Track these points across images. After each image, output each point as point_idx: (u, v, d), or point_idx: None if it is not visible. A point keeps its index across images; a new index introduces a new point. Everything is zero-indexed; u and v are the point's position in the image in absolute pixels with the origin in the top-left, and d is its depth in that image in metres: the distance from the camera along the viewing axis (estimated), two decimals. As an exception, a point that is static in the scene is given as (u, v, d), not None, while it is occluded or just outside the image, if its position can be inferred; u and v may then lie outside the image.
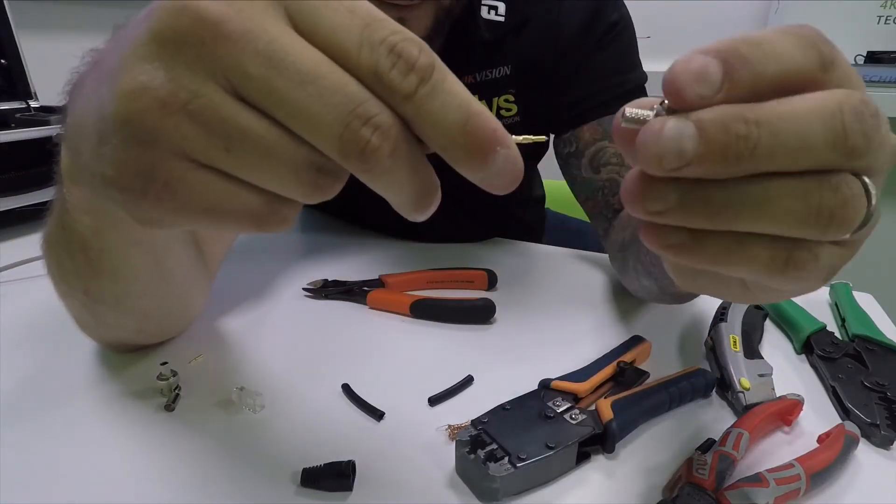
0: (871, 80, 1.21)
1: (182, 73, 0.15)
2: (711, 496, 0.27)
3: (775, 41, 0.16)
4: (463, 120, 0.16)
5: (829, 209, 0.16)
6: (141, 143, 0.16)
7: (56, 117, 0.24)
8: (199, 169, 0.17)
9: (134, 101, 0.16)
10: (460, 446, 0.30)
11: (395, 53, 0.16)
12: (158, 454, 0.32)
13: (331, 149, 0.16)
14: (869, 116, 0.16)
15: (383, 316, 0.49)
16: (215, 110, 0.16)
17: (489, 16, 0.54)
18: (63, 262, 0.33)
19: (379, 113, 0.16)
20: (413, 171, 0.17)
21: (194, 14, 0.15)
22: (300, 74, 0.15)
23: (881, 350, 0.41)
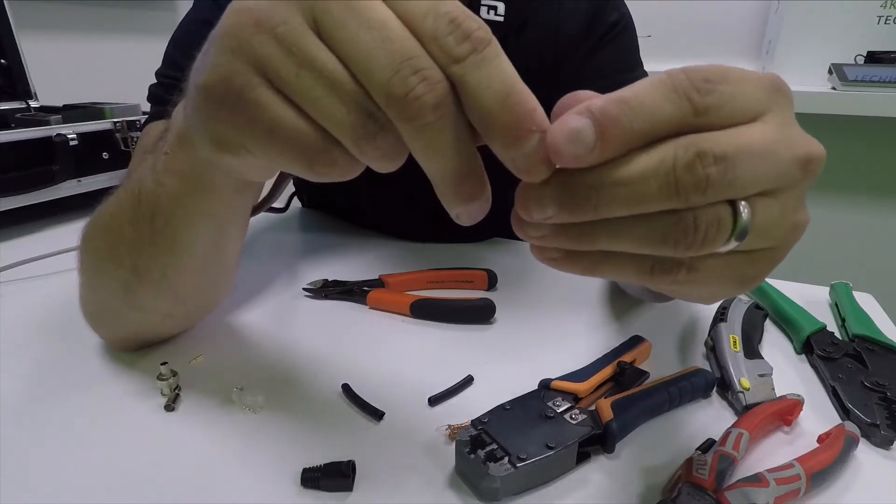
0: (871, 81, 1.20)
1: (280, 3, 0.19)
2: (711, 496, 0.27)
3: (644, 96, 0.18)
4: (504, 94, 0.18)
5: (673, 237, 0.18)
6: (231, 51, 0.20)
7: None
8: (270, 89, 0.20)
9: (238, 14, 0.20)
10: (460, 446, 0.30)
11: (455, 24, 0.18)
12: (158, 454, 0.32)
13: (380, 90, 0.18)
14: (711, 164, 0.17)
15: (383, 316, 0.49)
16: (296, 37, 0.19)
17: (488, 16, 0.54)
18: (122, 235, 0.35)
19: (429, 68, 0.18)
20: (455, 140, 0.19)
21: None
22: (370, 21, 0.18)
23: (881, 350, 0.41)
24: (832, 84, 1.25)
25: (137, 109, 0.85)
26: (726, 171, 0.17)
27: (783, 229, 0.20)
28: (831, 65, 1.25)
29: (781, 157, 0.19)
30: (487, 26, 0.19)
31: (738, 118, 0.18)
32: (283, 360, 0.42)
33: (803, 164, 0.19)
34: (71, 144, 0.74)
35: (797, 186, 0.20)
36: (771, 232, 0.20)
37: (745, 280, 0.22)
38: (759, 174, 0.18)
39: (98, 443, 0.33)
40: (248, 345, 0.44)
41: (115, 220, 0.35)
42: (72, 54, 1.22)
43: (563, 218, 0.19)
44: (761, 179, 0.18)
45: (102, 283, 0.39)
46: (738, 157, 0.18)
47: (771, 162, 0.18)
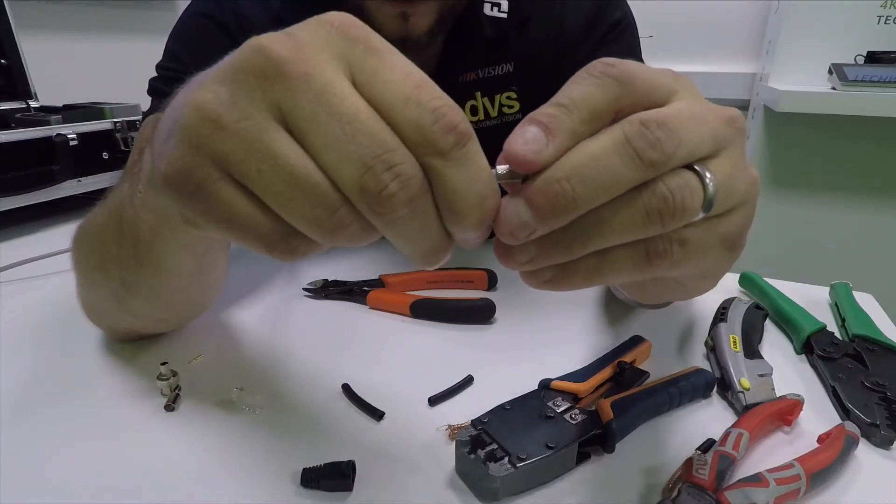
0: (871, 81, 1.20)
1: (241, 98, 0.18)
2: (711, 496, 0.27)
3: (575, 92, 0.19)
4: (482, 196, 0.18)
5: (655, 209, 0.19)
6: (191, 146, 0.19)
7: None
8: (230, 183, 0.19)
9: (197, 110, 0.18)
10: (460, 446, 0.30)
11: (440, 113, 0.17)
12: (158, 454, 0.32)
13: (350, 187, 0.18)
14: (656, 128, 0.18)
15: (383, 316, 0.49)
16: (258, 133, 0.18)
17: (492, 12, 0.54)
18: (108, 250, 0.35)
19: (404, 163, 0.17)
20: (426, 227, 0.19)
21: (267, 54, 0.18)
22: (339, 115, 0.17)
23: (881, 350, 0.41)
24: (832, 84, 1.25)
25: (137, 109, 0.85)
26: (670, 134, 0.18)
27: (743, 183, 0.21)
28: (831, 65, 1.25)
29: (709, 119, 0.20)
30: (465, 116, 0.18)
31: (659, 99, 0.20)
32: (283, 360, 0.42)
33: (729, 122, 0.21)
34: (71, 144, 0.74)
35: (734, 144, 0.21)
36: (734, 188, 0.21)
37: (731, 241, 0.22)
38: (698, 134, 0.19)
39: (98, 443, 0.33)
40: (248, 345, 0.44)
41: (101, 235, 0.35)
42: (72, 54, 1.22)
43: (547, 222, 0.19)
44: (703, 139, 0.20)
45: (95, 289, 0.39)
46: (675, 122, 0.19)
47: (703, 124, 0.20)
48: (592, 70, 0.19)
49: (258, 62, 0.18)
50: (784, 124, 1.39)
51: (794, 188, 1.45)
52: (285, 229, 0.20)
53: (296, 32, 0.18)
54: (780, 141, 1.41)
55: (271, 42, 0.18)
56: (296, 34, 0.18)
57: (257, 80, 0.18)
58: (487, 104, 0.58)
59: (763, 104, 1.39)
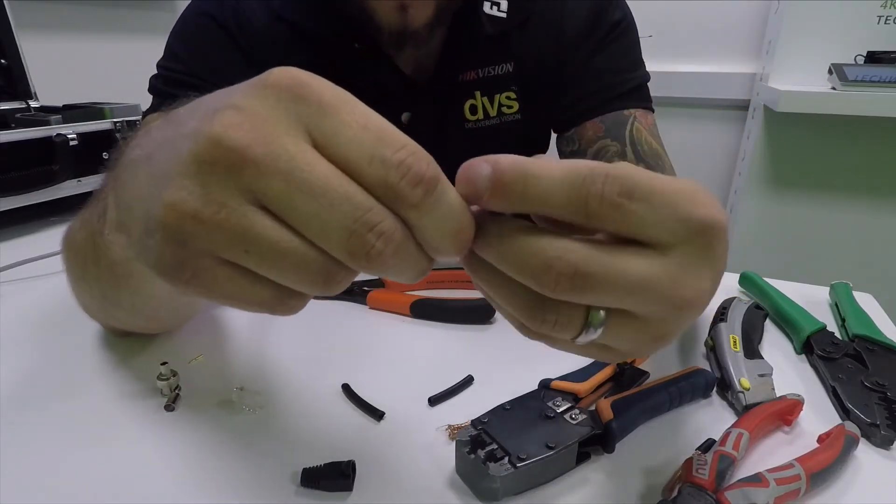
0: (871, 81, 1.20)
1: (214, 189, 0.18)
2: (711, 496, 0.27)
3: (543, 179, 0.19)
4: (457, 230, 0.19)
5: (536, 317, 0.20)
6: (176, 243, 0.19)
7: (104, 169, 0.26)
8: (222, 265, 0.19)
9: (173, 210, 0.18)
10: (460, 446, 0.30)
11: (405, 167, 0.18)
12: (158, 454, 0.32)
13: (340, 252, 0.18)
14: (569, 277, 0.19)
15: (383, 316, 0.49)
16: (238, 220, 0.18)
17: (491, 11, 0.54)
18: (87, 270, 0.35)
19: (383, 220, 0.18)
20: (412, 263, 0.20)
21: (225, 144, 0.18)
22: (312, 187, 0.18)
23: (881, 350, 0.41)
24: (832, 84, 1.25)
25: (137, 109, 0.85)
26: (585, 287, 0.19)
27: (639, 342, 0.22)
28: (831, 65, 1.25)
29: (659, 295, 0.20)
30: (430, 157, 0.18)
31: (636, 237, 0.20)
32: (283, 360, 0.42)
33: (679, 306, 0.20)
34: (71, 144, 0.74)
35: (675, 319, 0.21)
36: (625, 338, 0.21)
37: (652, 342, 0.22)
38: (624, 299, 0.19)
39: (98, 442, 0.33)
40: (248, 345, 0.44)
41: (81, 254, 0.35)
42: (72, 54, 1.22)
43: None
44: (625, 302, 0.20)
45: (81, 295, 0.40)
46: (604, 280, 0.19)
47: (644, 296, 0.19)
48: (590, 187, 0.19)
49: (220, 154, 0.18)
50: (784, 124, 1.39)
51: (794, 188, 1.45)
52: (282, 293, 0.20)
53: (246, 106, 0.18)
54: (780, 141, 1.41)
55: (227, 129, 0.18)
56: (247, 108, 0.18)
57: (224, 171, 0.18)
58: (487, 103, 0.58)
59: (763, 104, 1.39)
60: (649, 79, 0.59)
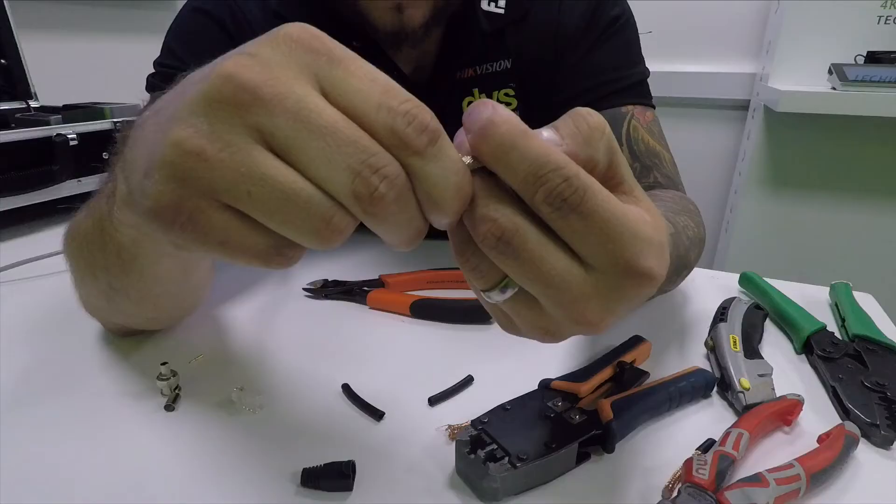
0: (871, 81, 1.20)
1: (221, 127, 0.18)
2: (711, 496, 0.27)
3: (541, 149, 0.19)
4: (459, 185, 0.19)
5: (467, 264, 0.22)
6: (177, 181, 0.19)
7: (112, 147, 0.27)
8: (221, 209, 0.19)
9: (178, 147, 0.18)
10: (460, 446, 0.30)
11: (411, 116, 0.18)
12: (158, 454, 0.32)
13: (344, 193, 0.18)
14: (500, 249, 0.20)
15: (383, 316, 0.49)
16: (244, 158, 0.18)
17: (489, 7, 0.54)
18: (94, 258, 0.35)
19: (388, 164, 0.18)
20: (410, 219, 0.20)
21: (237, 81, 0.18)
22: (320, 128, 0.18)
23: (881, 350, 0.41)
24: (832, 84, 1.25)
25: (137, 109, 0.85)
26: (505, 253, 0.20)
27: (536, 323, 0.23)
28: (831, 65, 1.25)
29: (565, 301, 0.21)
30: (433, 112, 0.19)
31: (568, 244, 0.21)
32: (283, 360, 0.42)
33: (576, 321, 0.21)
34: (71, 144, 0.74)
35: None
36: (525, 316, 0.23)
37: (543, 333, 0.23)
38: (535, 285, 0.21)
39: (98, 443, 0.33)
40: (248, 345, 0.44)
41: (87, 243, 0.35)
42: (72, 54, 1.22)
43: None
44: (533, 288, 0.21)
45: (86, 288, 0.40)
46: (522, 257, 0.20)
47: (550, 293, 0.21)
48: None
49: (230, 91, 0.18)
50: (784, 124, 1.39)
51: (794, 188, 1.45)
52: (279, 242, 0.20)
53: (259, 52, 0.19)
54: (780, 141, 1.41)
55: (239, 68, 0.18)
56: (259, 54, 0.18)
57: (233, 108, 0.18)
58: None
59: (763, 104, 1.39)
60: (649, 75, 0.59)
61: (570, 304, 0.21)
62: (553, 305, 0.21)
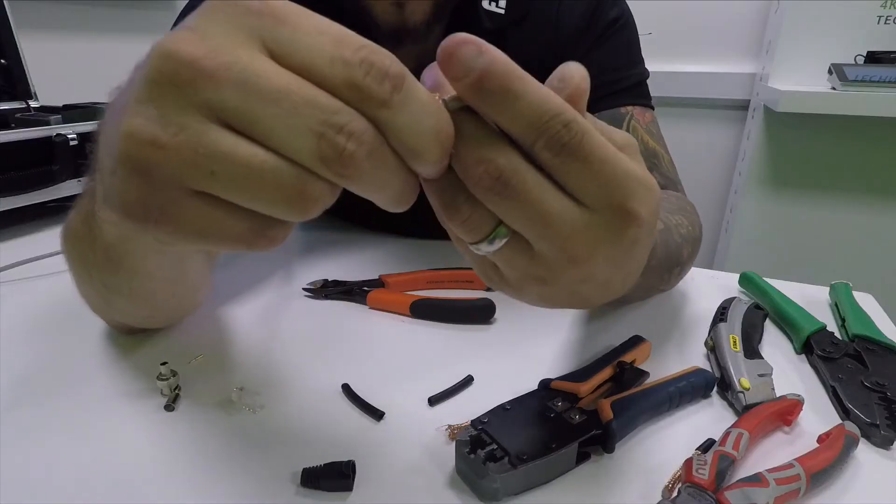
0: (871, 81, 1.20)
1: (169, 110, 0.17)
2: (711, 496, 0.27)
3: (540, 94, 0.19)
4: (436, 130, 0.18)
5: (455, 214, 0.21)
6: (140, 175, 0.18)
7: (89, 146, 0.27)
8: (191, 196, 0.18)
9: (131, 138, 0.18)
10: (460, 446, 0.30)
11: (368, 62, 0.17)
12: (158, 454, 0.32)
13: (310, 159, 0.17)
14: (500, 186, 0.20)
15: (383, 316, 0.49)
16: (199, 139, 0.17)
17: (490, 7, 0.54)
18: (86, 256, 0.35)
19: (351, 120, 0.17)
20: (391, 173, 0.19)
21: (176, 58, 0.17)
22: (272, 94, 0.17)
23: (881, 350, 0.41)
24: (832, 84, 1.25)
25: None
26: (502, 193, 0.19)
27: (526, 279, 0.23)
28: (831, 65, 1.25)
29: (559, 236, 0.21)
30: (392, 55, 0.18)
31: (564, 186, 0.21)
32: (283, 360, 0.42)
33: (570, 260, 0.22)
34: (71, 144, 0.74)
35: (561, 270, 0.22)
36: (516, 264, 0.22)
37: (535, 283, 0.23)
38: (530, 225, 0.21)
39: (98, 443, 0.33)
40: (248, 345, 0.44)
41: (78, 241, 0.35)
42: (72, 54, 1.22)
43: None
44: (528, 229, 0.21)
45: (83, 287, 0.40)
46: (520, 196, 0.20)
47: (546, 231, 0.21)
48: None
49: (171, 69, 0.17)
50: (784, 124, 1.39)
51: (794, 188, 1.45)
52: (259, 222, 0.19)
53: (196, 25, 0.18)
54: (780, 141, 1.41)
55: (177, 43, 0.17)
56: (198, 27, 0.17)
57: (177, 87, 0.17)
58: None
59: (763, 104, 1.39)
60: (648, 76, 0.59)
61: (566, 241, 0.21)
62: (549, 245, 0.21)
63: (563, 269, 0.22)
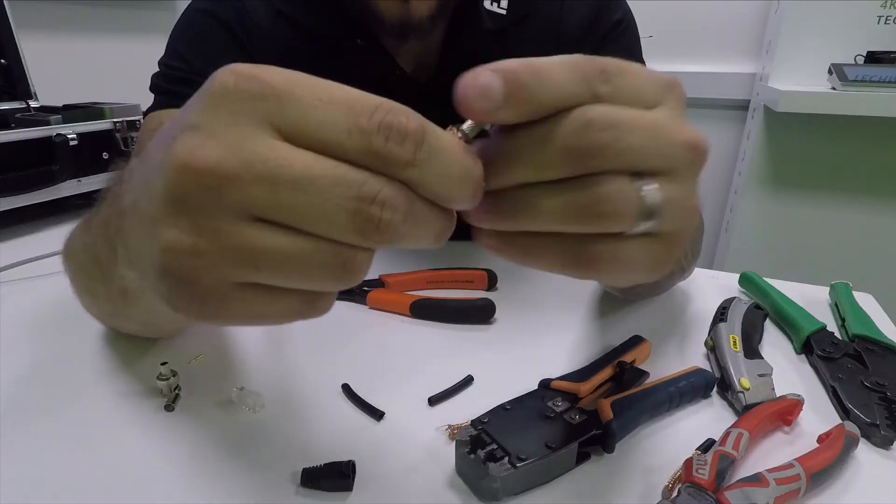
0: (871, 81, 1.20)
1: (201, 219, 0.17)
2: (711, 496, 0.27)
3: (554, 71, 0.18)
4: (464, 175, 0.18)
5: (586, 206, 0.19)
6: (188, 283, 0.18)
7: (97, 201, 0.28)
8: (241, 288, 0.19)
9: (170, 252, 0.18)
10: (460, 446, 0.30)
11: (386, 126, 0.17)
12: (158, 454, 0.32)
13: (349, 236, 0.17)
14: (602, 129, 0.18)
15: (383, 316, 0.49)
16: (236, 241, 0.17)
17: (492, 7, 0.54)
18: (96, 289, 0.35)
19: (382, 188, 0.17)
20: (428, 223, 0.19)
21: (194, 169, 0.17)
22: (297, 182, 0.17)
23: (881, 350, 0.41)
24: (832, 84, 1.25)
25: (137, 109, 0.85)
26: (617, 139, 0.18)
27: (684, 212, 0.21)
28: (831, 65, 1.25)
29: (671, 136, 0.19)
30: (408, 109, 0.17)
31: (632, 106, 0.19)
32: (283, 360, 0.42)
33: (691, 147, 0.20)
34: (71, 144, 0.74)
35: (689, 171, 0.21)
36: (674, 213, 0.20)
37: (659, 263, 0.22)
38: (650, 148, 0.19)
39: (98, 443, 0.33)
40: (248, 345, 0.44)
41: (87, 272, 0.34)
42: (72, 54, 1.22)
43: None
44: (653, 154, 0.19)
45: (87, 306, 0.40)
46: (628, 127, 0.18)
47: (661, 139, 0.19)
48: (584, 67, 0.19)
49: (191, 181, 0.17)
50: (784, 124, 1.39)
51: (794, 188, 1.45)
52: (309, 297, 0.20)
53: (202, 122, 0.17)
54: (780, 141, 1.41)
55: (190, 153, 0.17)
56: (202, 124, 0.17)
57: (203, 196, 0.17)
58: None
59: (763, 104, 1.39)
60: None
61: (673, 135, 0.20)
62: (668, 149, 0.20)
63: (690, 165, 0.21)
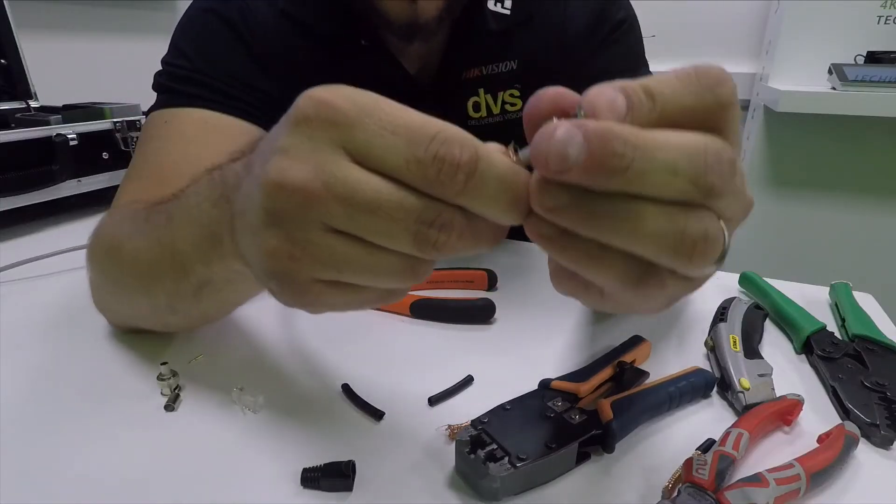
0: (871, 80, 1.20)
1: (294, 231, 0.21)
2: (711, 496, 0.27)
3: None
4: (514, 198, 0.20)
5: (692, 238, 0.18)
6: (291, 281, 0.23)
7: None
8: (330, 284, 0.23)
9: (273, 257, 0.22)
10: (460, 446, 0.30)
11: (440, 159, 0.19)
12: (159, 454, 0.32)
13: (411, 251, 0.21)
14: (727, 163, 0.18)
15: (383, 316, 0.49)
16: (321, 251, 0.21)
17: (496, 7, 0.54)
18: (163, 283, 0.36)
19: (439, 214, 0.20)
20: (484, 237, 0.21)
21: (289, 188, 0.20)
22: (368, 205, 0.20)
23: (881, 350, 0.41)
24: (832, 84, 1.25)
25: (137, 109, 0.85)
26: (738, 180, 0.19)
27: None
28: (831, 65, 1.25)
29: (749, 199, 0.21)
30: (464, 135, 0.19)
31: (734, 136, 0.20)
32: (283, 360, 0.42)
33: (751, 206, 0.22)
34: (71, 144, 0.74)
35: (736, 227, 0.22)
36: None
37: (674, 302, 0.23)
38: (739, 206, 0.20)
39: (98, 442, 0.33)
40: (248, 345, 0.44)
41: (153, 268, 0.35)
42: (72, 54, 1.22)
43: (584, 176, 0.17)
44: (738, 210, 0.21)
45: (126, 304, 0.41)
46: (742, 174, 0.19)
47: (745, 202, 0.21)
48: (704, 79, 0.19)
49: (284, 198, 0.20)
50: (784, 124, 1.39)
51: (794, 188, 1.45)
52: (385, 292, 0.24)
53: (289, 146, 0.20)
54: (780, 141, 1.41)
55: (281, 174, 0.20)
56: (289, 148, 0.20)
57: (295, 211, 0.20)
58: (490, 101, 0.58)
59: (763, 104, 1.39)
60: None
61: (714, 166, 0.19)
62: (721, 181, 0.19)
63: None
